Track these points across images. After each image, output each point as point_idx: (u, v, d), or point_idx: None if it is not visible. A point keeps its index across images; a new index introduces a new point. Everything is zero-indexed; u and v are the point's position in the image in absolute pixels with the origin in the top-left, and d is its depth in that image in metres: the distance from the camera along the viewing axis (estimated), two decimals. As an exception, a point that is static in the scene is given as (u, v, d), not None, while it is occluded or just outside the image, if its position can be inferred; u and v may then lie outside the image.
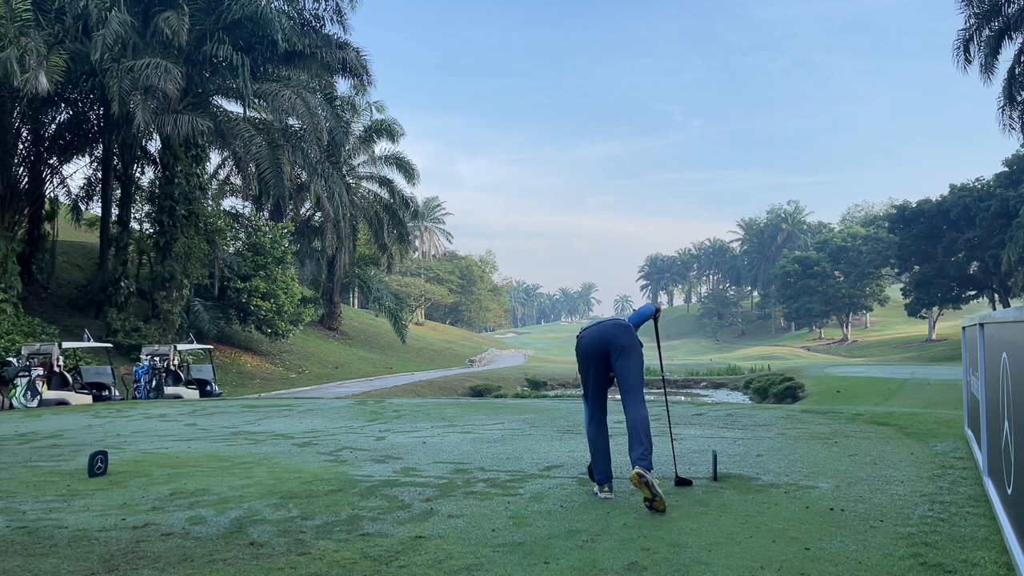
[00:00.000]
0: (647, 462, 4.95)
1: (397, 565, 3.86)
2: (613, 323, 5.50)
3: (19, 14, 22.69)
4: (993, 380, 4.57)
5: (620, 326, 5.45)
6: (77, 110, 28.45)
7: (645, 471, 4.86)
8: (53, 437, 9.66)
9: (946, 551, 3.93)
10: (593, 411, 5.50)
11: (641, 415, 5.16)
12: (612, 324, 5.49)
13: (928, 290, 57.05)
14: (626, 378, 5.31)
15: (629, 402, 5.28)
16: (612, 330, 5.40)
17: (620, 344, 5.35)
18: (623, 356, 5.32)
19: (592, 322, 5.87)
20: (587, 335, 5.49)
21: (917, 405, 19.57)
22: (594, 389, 5.48)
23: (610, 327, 5.44)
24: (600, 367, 5.42)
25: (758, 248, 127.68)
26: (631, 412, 5.21)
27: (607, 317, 5.84)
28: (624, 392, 5.33)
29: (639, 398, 5.27)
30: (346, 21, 30.42)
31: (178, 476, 6.54)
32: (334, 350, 43.67)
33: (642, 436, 5.05)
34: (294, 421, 11.08)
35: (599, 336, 5.41)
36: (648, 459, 4.98)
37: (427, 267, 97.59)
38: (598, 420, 5.49)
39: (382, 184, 46.83)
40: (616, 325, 5.46)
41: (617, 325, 5.46)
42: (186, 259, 28.07)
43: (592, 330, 5.51)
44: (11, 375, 17.95)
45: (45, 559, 4.07)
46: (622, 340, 5.36)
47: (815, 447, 7.46)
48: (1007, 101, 32.12)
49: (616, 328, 5.42)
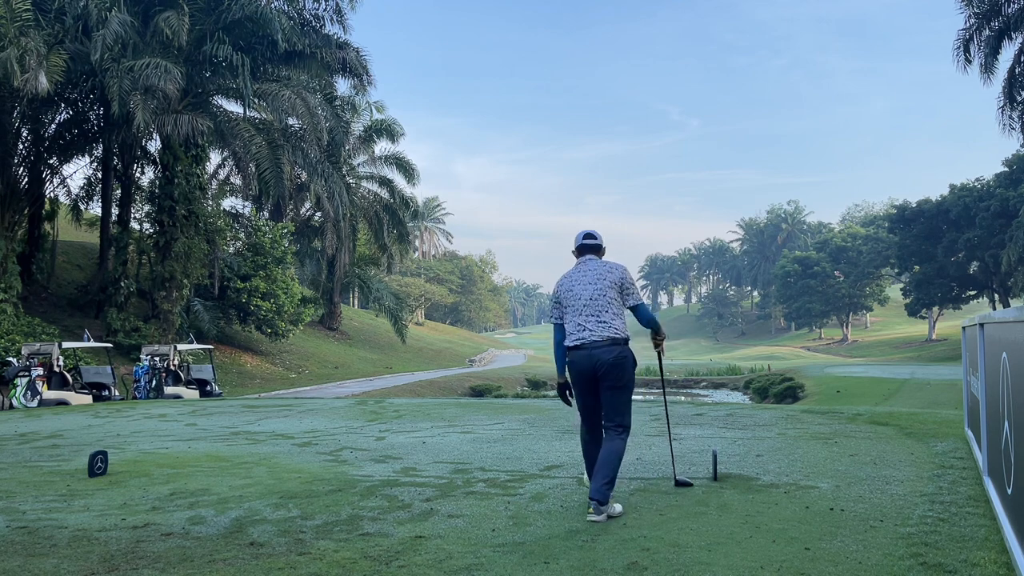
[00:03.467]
0: (605, 495, 4.70)
1: (397, 565, 3.86)
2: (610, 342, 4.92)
3: (19, 14, 22.69)
4: (993, 380, 4.57)
5: (616, 348, 4.92)
6: (77, 110, 28.47)
7: (598, 508, 4.66)
8: (53, 437, 9.66)
9: (946, 551, 3.93)
10: (590, 426, 5.18)
11: (617, 448, 4.85)
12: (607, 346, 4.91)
13: (928, 290, 57.04)
14: (612, 404, 4.96)
15: (609, 428, 4.96)
16: (605, 354, 4.89)
17: (611, 374, 4.91)
18: (612, 389, 4.93)
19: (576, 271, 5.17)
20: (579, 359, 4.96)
21: (917, 405, 19.57)
22: (586, 410, 5.12)
23: (604, 351, 4.90)
24: (590, 392, 5.03)
25: (758, 248, 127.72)
26: (606, 443, 4.91)
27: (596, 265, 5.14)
28: (605, 416, 4.99)
29: (621, 427, 4.94)
30: (346, 21, 30.53)
31: (178, 476, 6.54)
32: (334, 350, 43.66)
33: (607, 468, 4.75)
34: (294, 421, 11.08)
35: (589, 360, 4.91)
36: (608, 491, 4.72)
37: (427, 267, 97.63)
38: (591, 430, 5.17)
39: (382, 184, 46.84)
40: (611, 348, 4.91)
41: (612, 348, 4.91)
42: (186, 259, 28.08)
43: (583, 354, 4.95)
44: (11, 375, 17.96)
45: (45, 559, 4.07)
46: (614, 372, 4.91)
47: (815, 447, 7.46)
48: (1007, 101, 32.12)
49: (610, 351, 4.90)
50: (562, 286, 5.16)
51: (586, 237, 5.26)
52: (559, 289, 5.17)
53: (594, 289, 5.02)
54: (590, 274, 5.09)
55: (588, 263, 5.16)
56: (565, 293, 5.11)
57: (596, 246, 5.26)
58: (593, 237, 5.28)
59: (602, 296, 5.01)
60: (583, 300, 5.02)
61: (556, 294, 5.18)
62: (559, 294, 5.15)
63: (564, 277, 5.22)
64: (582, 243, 5.25)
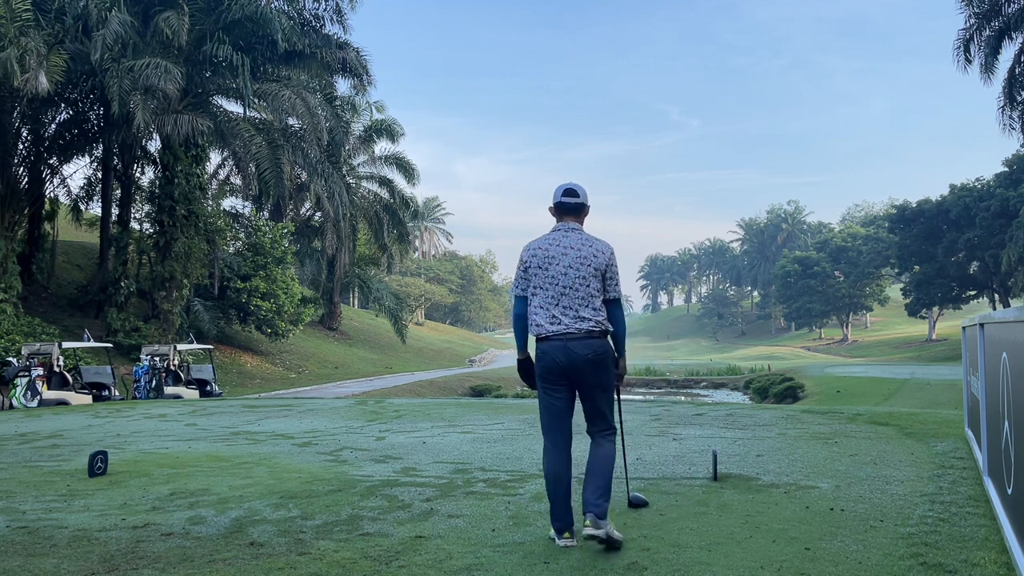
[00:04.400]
0: (602, 507, 3.99)
1: (397, 565, 3.86)
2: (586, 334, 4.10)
3: (19, 14, 22.70)
4: (993, 380, 4.57)
5: (595, 342, 4.12)
6: (77, 110, 28.47)
7: (597, 521, 3.93)
8: (53, 437, 9.66)
9: (946, 551, 3.93)
10: (555, 438, 4.21)
11: (608, 452, 4.17)
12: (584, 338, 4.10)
13: (928, 290, 57.05)
14: (595, 407, 4.22)
15: (595, 433, 4.26)
16: (582, 348, 4.08)
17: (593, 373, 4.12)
18: (595, 389, 4.17)
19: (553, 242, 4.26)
20: (550, 350, 4.12)
21: (917, 405, 19.57)
22: (554, 417, 4.21)
23: (581, 344, 4.09)
24: (560, 392, 4.18)
25: (758, 248, 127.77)
26: (594, 449, 4.22)
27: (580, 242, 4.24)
28: (589, 420, 4.27)
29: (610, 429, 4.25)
30: (346, 21, 30.53)
31: (178, 476, 6.53)
32: (334, 350, 43.66)
33: (600, 477, 4.07)
34: (294, 421, 11.08)
35: (563, 354, 4.09)
36: (604, 503, 4.01)
37: (427, 267, 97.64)
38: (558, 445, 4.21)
39: (382, 184, 46.85)
40: (589, 342, 4.10)
41: (591, 342, 4.10)
42: (186, 259, 28.08)
43: (555, 346, 4.11)
44: (11, 375, 17.96)
45: (45, 559, 4.07)
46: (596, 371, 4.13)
47: (815, 447, 7.46)
48: (1007, 101, 32.12)
49: (589, 345, 4.09)
50: (535, 256, 4.22)
51: (566, 193, 4.28)
52: (529, 259, 4.23)
53: (575, 276, 4.15)
54: (571, 253, 4.18)
55: (570, 235, 4.24)
56: (536, 269, 4.20)
57: (579, 206, 4.29)
58: (575, 194, 4.28)
59: (584, 285, 4.15)
60: (559, 286, 4.15)
61: (525, 263, 4.25)
62: (528, 264, 4.23)
63: (537, 245, 4.26)
64: (561, 201, 4.28)
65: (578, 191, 4.30)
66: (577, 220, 4.31)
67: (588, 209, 4.35)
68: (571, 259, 4.17)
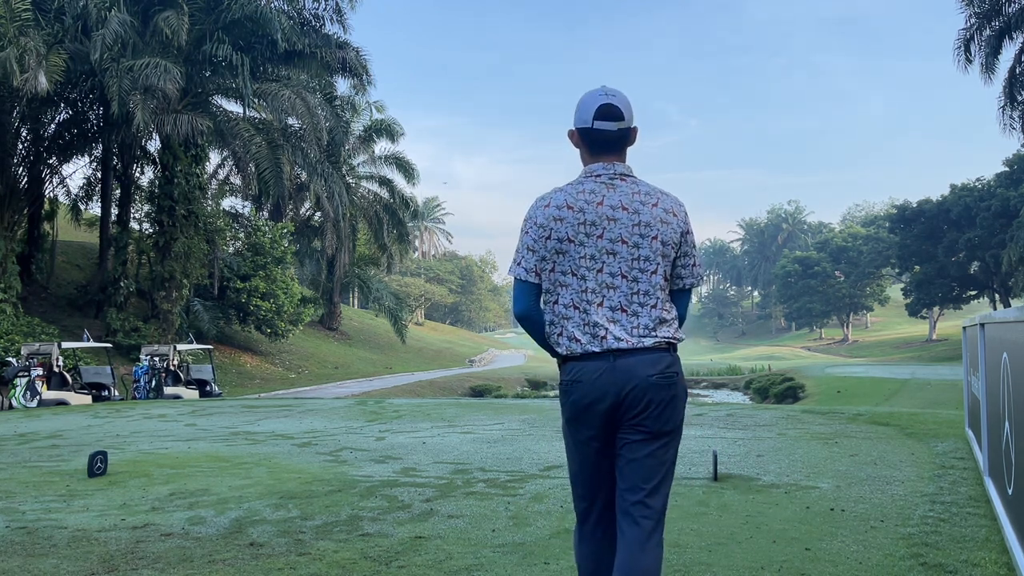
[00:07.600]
0: None
1: (397, 565, 3.85)
2: (653, 348, 2.44)
3: (19, 14, 22.71)
4: (994, 380, 4.57)
5: (663, 359, 2.45)
6: (77, 110, 28.48)
7: None
8: (53, 437, 9.65)
9: (946, 551, 3.92)
10: (588, 508, 2.58)
11: (651, 564, 2.37)
12: (647, 353, 2.43)
13: (929, 290, 57.04)
14: (647, 466, 2.46)
15: (634, 513, 2.43)
16: (644, 368, 2.41)
17: (654, 408, 2.42)
18: (652, 437, 2.44)
19: (593, 193, 2.47)
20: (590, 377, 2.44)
21: (918, 405, 19.56)
22: (590, 475, 2.55)
23: (642, 361, 2.41)
24: (600, 440, 2.49)
25: (758, 248, 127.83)
26: (627, 551, 2.39)
27: (642, 193, 2.50)
28: (629, 487, 2.46)
29: (656, 511, 2.45)
30: (346, 21, 30.54)
31: (178, 476, 6.53)
32: (334, 350, 43.66)
33: None
34: (294, 421, 11.07)
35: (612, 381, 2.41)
36: None
37: (427, 267, 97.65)
38: (595, 518, 2.57)
39: (382, 184, 46.84)
40: (655, 358, 2.43)
41: (657, 358, 2.43)
42: (186, 259, 28.08)
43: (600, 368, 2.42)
44: (11, 375, 17.97)
45: (45, 559, 4.06)
46: (660, 406, 2.42)
47: (815, 447, 7.46)
48: (1008, 101, 32.10)
49: (653, 364, 2.43)
50: (561, 220, 2.47)
51: (604, 114, 2.48)
52: (551, 223, 2.47)
53: (635, 255, 2.46)
54: (623, 218, 2.46)
55: (620, 186, 2.50)
56: (566, 242, 2.46)
57: (624, 135, 2.52)
58: (618, 114, 2.49)
59: (649, 271, 2.47)
60: (605, 274, 2.45)
61: (542, 227, 2.48)
62: (548, 231, 2.47)
63: (563, 200, 2.49)
64: (595, 127, 2.49)
65: (622, 109, 2.49)
66: (621, 159, 2.55)
67: (635, 136, 2.57)
68: (625, 226, 2.45)
